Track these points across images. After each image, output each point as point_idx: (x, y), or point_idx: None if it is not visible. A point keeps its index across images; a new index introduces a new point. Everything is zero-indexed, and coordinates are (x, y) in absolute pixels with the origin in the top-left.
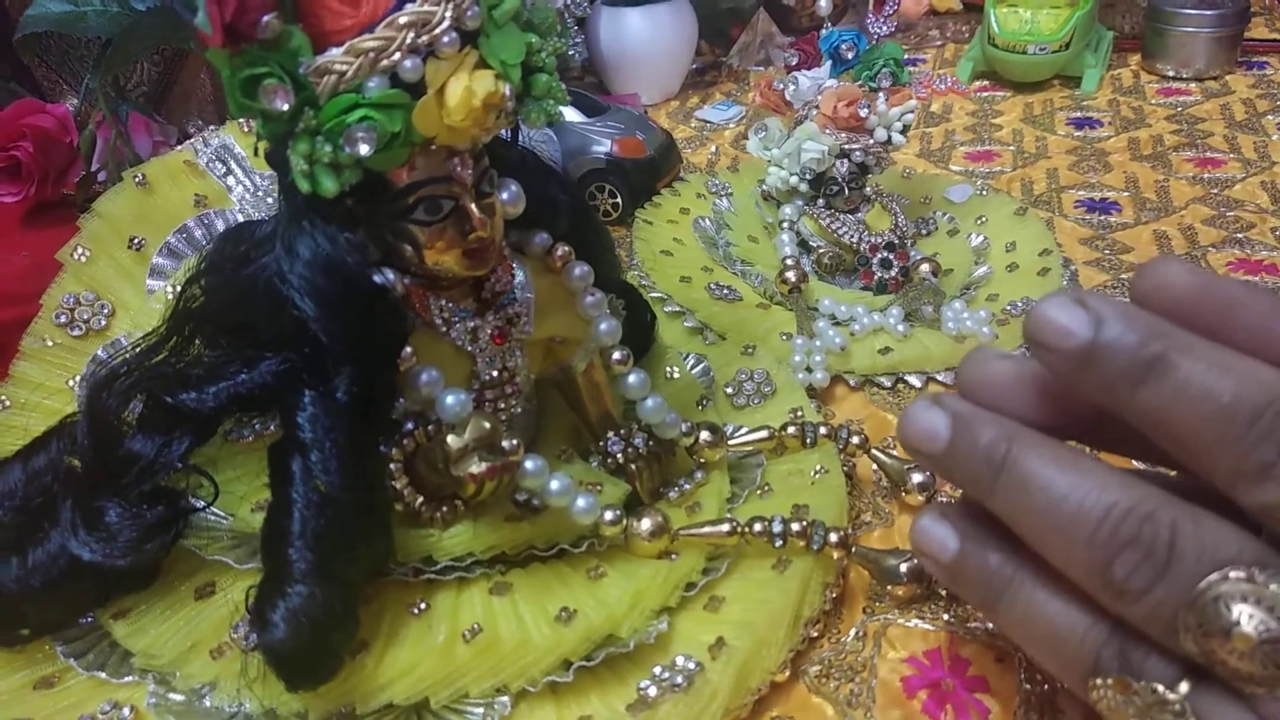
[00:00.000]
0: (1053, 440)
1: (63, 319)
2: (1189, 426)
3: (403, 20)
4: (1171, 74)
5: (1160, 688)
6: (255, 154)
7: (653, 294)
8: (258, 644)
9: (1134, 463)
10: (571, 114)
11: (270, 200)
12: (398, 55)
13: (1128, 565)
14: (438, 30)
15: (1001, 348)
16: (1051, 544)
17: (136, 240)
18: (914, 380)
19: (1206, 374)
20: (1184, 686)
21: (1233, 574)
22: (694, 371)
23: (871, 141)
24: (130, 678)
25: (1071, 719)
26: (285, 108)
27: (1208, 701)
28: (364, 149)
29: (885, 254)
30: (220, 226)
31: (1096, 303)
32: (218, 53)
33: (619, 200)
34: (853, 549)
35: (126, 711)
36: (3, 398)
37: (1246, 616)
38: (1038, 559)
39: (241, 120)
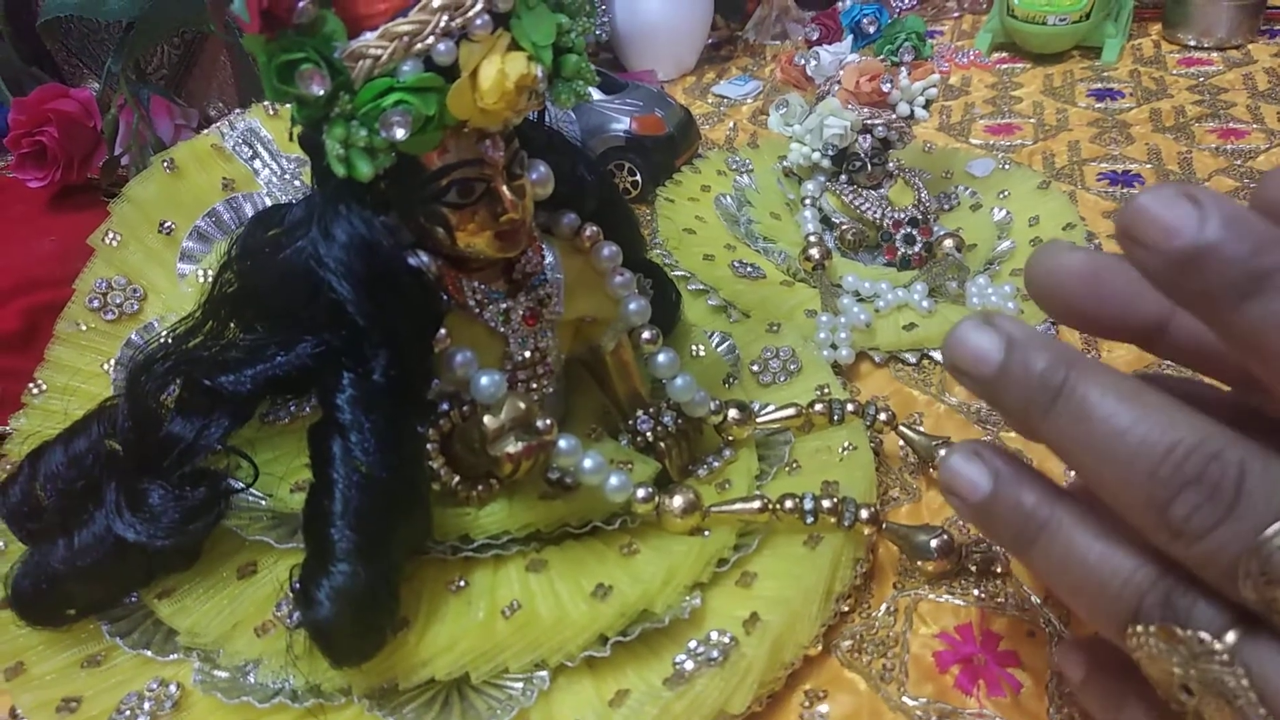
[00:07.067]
0: (1113, 370)
1: (95, 303)
2: None
3: (436, 3)
4: (1193, 43)
5: (1207, 636)
6: (290, 139)
7: (676, 272)
8: (303, 622)
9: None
10: (591, 92)
11: (297, 184)
12: (431, 39)
13: (1189, 505)
14: (470, 13)
15: (1026, 322)
16: (1107, 478)
17: (166, 224)
18: (939, 356)
19: None
20: (1231, 636)
21: None
22: (719, 349)
23: (894, 116)
24: (175, 655)
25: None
26: (321, 92)
27: (1256, 652)
28: (399, 133)
29: (908, 229)
30: (248, 210)
31: (1209, 200)
32: (254, 39)
33: (638, 178)
34: (883, 525)
35: (173, 688)
36: (39, 381)
37: None
38: (1077, 501)
39: (267, 104)
